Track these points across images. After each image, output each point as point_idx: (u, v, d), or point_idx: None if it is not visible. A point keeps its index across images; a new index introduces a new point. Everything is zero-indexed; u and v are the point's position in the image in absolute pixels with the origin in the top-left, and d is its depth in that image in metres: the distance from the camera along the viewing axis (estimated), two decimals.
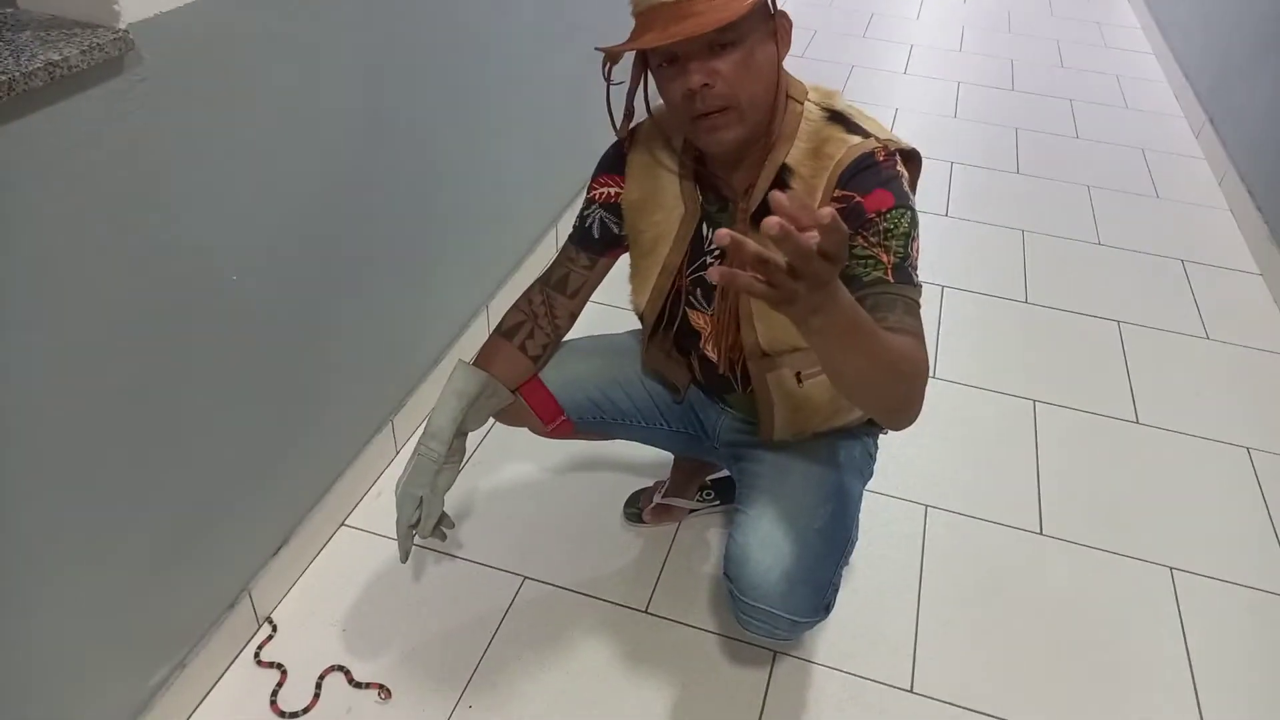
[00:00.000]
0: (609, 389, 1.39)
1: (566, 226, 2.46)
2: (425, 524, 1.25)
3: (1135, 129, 3.40)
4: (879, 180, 1.05)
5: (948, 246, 2.62)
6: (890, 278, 1.03)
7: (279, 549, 1.49)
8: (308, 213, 1.37)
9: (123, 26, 0.96)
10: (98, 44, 0.92)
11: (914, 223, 1.05)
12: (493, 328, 2.08)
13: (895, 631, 1.54)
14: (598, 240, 1.28)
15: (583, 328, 1.39)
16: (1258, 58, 2.96)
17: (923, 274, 2.42)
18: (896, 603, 1.59)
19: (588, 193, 1.28)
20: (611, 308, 2.05)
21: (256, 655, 1.43)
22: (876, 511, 1.72)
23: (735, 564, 1.21)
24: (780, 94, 1.07)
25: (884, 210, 1.04)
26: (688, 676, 1.45)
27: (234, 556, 1.40)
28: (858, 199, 1.05)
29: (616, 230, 1.27)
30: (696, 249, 1.21)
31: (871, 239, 1.04)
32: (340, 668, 1.42)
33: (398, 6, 1.48)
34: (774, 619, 1.19)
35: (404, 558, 1.27)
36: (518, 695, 1.41)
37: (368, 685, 1.39)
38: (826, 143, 1.07)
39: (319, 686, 1.39)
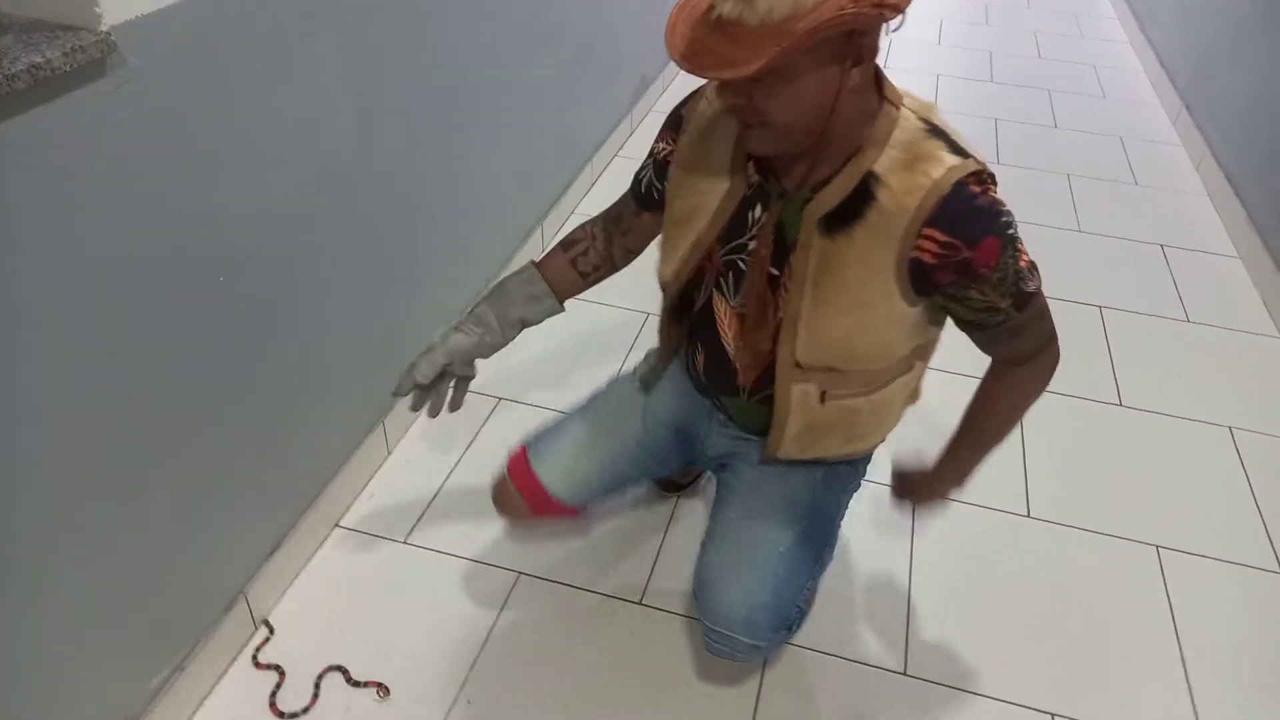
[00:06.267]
0: (615, 472, 1.39)
1: (552, 225, 2.47)
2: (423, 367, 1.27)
3: (1113, 118, 3.43)
4: (982, 224, 0.97)
5: None
6: (1012, 314, 1.04)
7: (273, 552, 1.49)
8: (295, 212, 1.37)
9: (104, 29, 0.96)
10: (80, 46, 0.92)
11: (1015, 248, 1.00)
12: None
13: (888, 616, 1.55)
14: (643, 195, 1.24)
15: (575, 331, 1.39)
16: (1234, 46, 3.00)
17: None
18: (888, 588, 1.60)
19: (653, 142, 1.23)
20: (600, 304, 2.07)
21: (254, 657, 1.43)
22: (866, 498, 1.74)
23: (699, 588, 1.24)
24: (839, 113, 0.95)
25: (994, 263, 0.98)
26: (683, 666, 1.46)
27: (229, 560, 1.40)
28: (965, 254, 0.98)
29: (657, 196, 1.21)
30: (737, 228, 1.12)
31: (988, 292, 1.01)
32: (338, 667, 1.42)
33: (385, 7, 1.48)
34: (733, 643, 1.22)
35: (398, 392, 1.28)
36: (516, 689, 1.41)
37: (366, 684, 1.40)
38: (924, 159, 0.97)
39: (318, 686, 1.39)
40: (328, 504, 1.63)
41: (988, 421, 1.21)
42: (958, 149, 0.99)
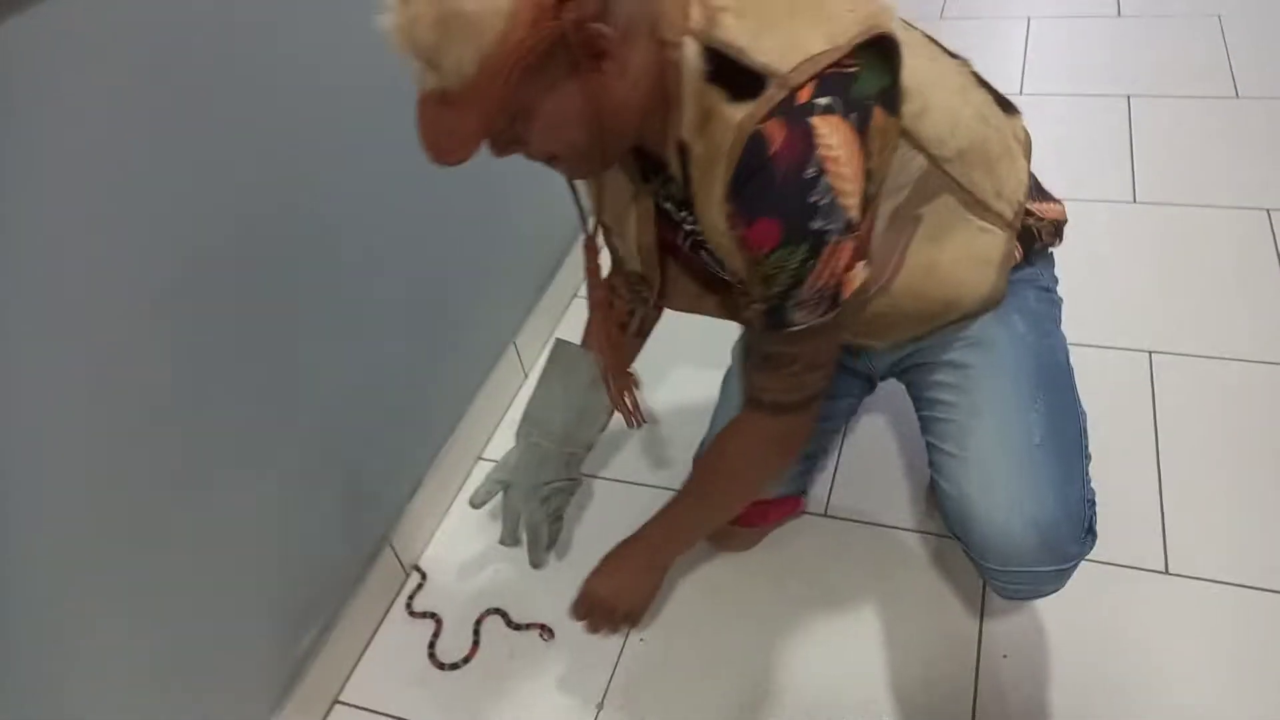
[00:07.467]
0: (823, 439, 1.25)
1: None
2: (507, 530, 1.18)
3: None
4: (766, 200, 0.76)
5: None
6: (759, 325, 0.86)
7: (415, 491, 1.37)
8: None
9: None
10: None
11: (812, 251, 0.77)
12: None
13: (1138, 505, 1.26)
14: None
15: None
16: None
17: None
18: (1132, 471, 1.30)
19: None
20: None
21: (409, 605, 1.32)
22: (1087, 365, 1.43)
23: (960, 523, 0.98)
24: (619, 103, 0.76)
25: (765, 254, 0.78)
26: (893, 580, 1.24)
27: (370, 504, 1.29)
28: (742, 229, 0.78)
29: None
30: (668, 222, 0.96)
31: (755, 276, 0.82)
32: (497, 610, 1.29)
33: None
34: (1036, 577, 0.97)
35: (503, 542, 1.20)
36: (692, 623, 1.24)
37: (528, 626, 1.26)
38: (711, 119, 0.77)
39: (477, 632, 1.27)
40: (467, 436, 1.49)
41: (704, 485, 1.05)
42: (746, 83, 0.74)
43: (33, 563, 0.81)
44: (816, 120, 0.74)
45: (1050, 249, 1.05)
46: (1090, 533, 0.98)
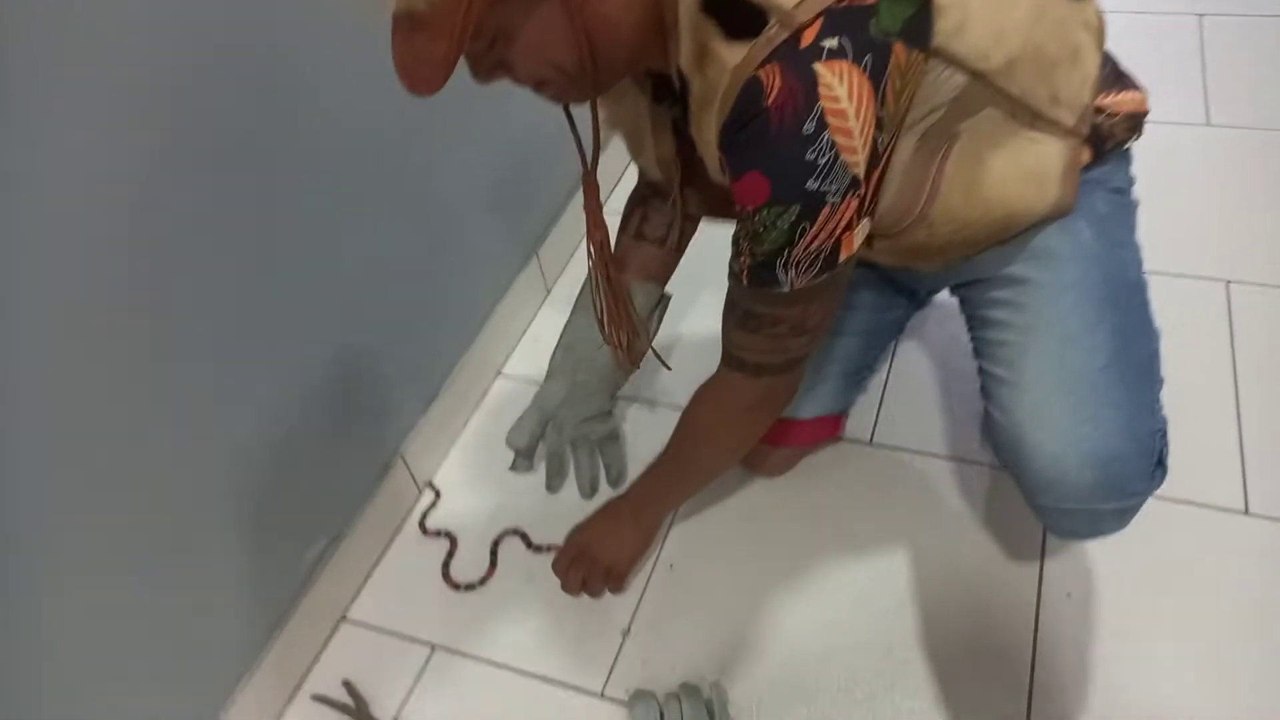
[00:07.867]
0: (843, 352, 1.13)
1: None
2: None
3: None
4: (756, 153, 0.70)
5: None
6: (744, 280, 0.79)
7: (430, 405, 1.28)
8: None
9: None
10: None
11: (806, 212, 0.70)
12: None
13: (1213, 441, 1.16)
14: None
15: None
16: None
17: None
18: (1208, 405, 1.20)
19: None
20: None
21: (421, 523, 1.24)
22: (1159, 293, 1.32)
23: (1011, 455, 0.88)
24: (606, 23, 0.69)
25: (753, 209, 0.72)
26: (944, 513, 1.15)
27: (381, 416, 1.20)
28: (731, 180, 0.73)
29: None
30: (685, 137, 0.86)
31: (744, 230, 0.75)
32: (516, 531, 1.21)
33: None
34: (1094, 516, 0.88)
35: (514, 468, 1.12)
36: (726, 551, 1.15)
37: (549, 548, 1.18)
38: (706, 57, 0.70)
39: (495, 553, 1.19)
40: (485, 350, 1.39)
41: (682, 445, 0.99)
42: (742, 24, 0.67)
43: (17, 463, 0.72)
44: (821, 67, 0.65)
45: (1126, 146, 0.91)
46: (1160, 466, 0.88)
